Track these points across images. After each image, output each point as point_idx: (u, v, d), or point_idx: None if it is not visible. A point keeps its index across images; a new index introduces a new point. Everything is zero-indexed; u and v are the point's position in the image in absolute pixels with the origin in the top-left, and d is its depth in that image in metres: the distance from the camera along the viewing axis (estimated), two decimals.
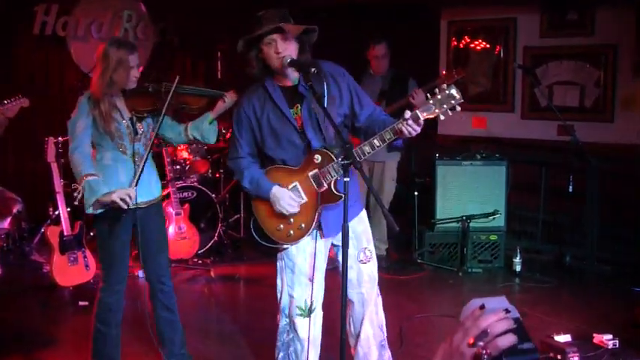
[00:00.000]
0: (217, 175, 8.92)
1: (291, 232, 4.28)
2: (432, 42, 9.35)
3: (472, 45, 9.09)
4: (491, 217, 7.77)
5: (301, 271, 4.38)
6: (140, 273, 6.55)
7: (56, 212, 7.37)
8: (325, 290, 4.46)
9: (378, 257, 7.62)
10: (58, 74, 9.19)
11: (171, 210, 7.52)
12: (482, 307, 1.55)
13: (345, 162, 3.66)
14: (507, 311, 1.53)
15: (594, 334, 5.55)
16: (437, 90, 3.83)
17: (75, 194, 4.43)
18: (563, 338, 5.22)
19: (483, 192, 7.85)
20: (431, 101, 3.83)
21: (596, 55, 8.17)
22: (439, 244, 7.97)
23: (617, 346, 5.41)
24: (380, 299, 4.54)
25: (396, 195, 7.98)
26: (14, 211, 8.44)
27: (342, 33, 10.17)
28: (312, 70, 3.89)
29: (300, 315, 4.40)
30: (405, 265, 7.89)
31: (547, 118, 8.33)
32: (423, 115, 3.81)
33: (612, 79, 8.10)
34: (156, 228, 4.91)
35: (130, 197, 4.37)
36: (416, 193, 8.13)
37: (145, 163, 4.57)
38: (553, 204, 8.31)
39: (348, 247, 3.72)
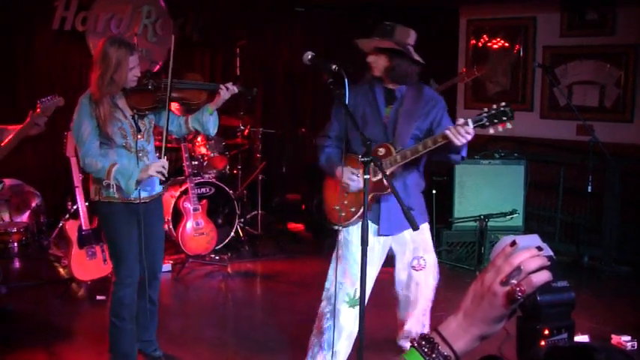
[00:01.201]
0: (235, 172, 8.92)
1: (343, 213, 4.54)
2: (451, 41, 9.33)
3: (491, 44, 9.06)
4: (509, 217, 7.74)
5: (355, 261, 4.45)
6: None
7: (75, 206, 7.40)
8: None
9: None
10: (77, 69, 9.20)
11: (188, 205, 7.53)
12: (513, 243, 1.47)
13: (365, 159, 3.69)
14: (540, 249, 1.46)
15: (612, 335, 5.54)
16: (495, 105, 4.17)
17: (111, 190, 4.58)
18: (581, 339, 5.20)
19: (501, 191, 7.82)
20: (484, 114, 4.13)
21: (617, 55, 8.13)
22: (456, 243, 7.96)
23: (636, 347, 5.39)
24: (429, 305, 4.79)
25: None
26: (33, 205, 8.51)
27: (361, 32, 10.17)
28: (333, 67, 3.93)
29: (347, 302, 4.54)
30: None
31: (566, 118, 8.30)
32: (472, 124, 4.09)
33: (633, 79, 8.05)
34: (157, 223, 5.03)
35: (165, 168, 4.53)
36: (434, 192, 8.11)
37: (166, 134, 4.67)
38: (571, 204, 8.28)
39: (367, 245, 3.73)
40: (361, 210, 4.39)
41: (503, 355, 4.28)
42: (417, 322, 4.78)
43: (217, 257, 7.98)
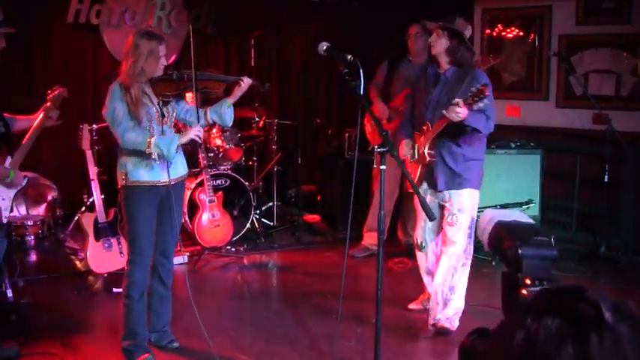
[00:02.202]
0: (250, 163, 8.92)
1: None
2: None
3: (506, 33, 9.01)
4: (525, 207, 7.70)
5: (419, 216, 5.69)
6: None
7: (91, 199, 7.42)
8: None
9: (411, 245, 7.71)
10: (92, 62, 9.22)
11: (204, 197, 7.54)
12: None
13: (382, 150, 3.70)
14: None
15: None
16: (474, 88, 4.94)
17: (153, 157, 4.78)
18: None
19: (517, 181, 7.78)
20: (469, 94, 4.92)
21: (633, 44, 8.06)
22: None
23: None
24: (465, 269, 5.53)
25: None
26: (49, 198, 8.53)
27: (375, 22, 10.14)
28: (349, 57, 3.96)
29: (416, 247, 5.85)
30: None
31: (582, 107, 8.25)
32: (462, 103, 4.92)
33: None
34: (177, 204, 5.17)
35: (201, 132, 4.95)
36: None
37: (198, 112, 5.08)
38: (588, 193, 8.24)
39: (382, 235, 3.76)
40: (417, 177, 5.48)
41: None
42: (443, 282, 5.55)
43: (233, 249, 7.99)
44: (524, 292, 1.46)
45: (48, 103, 5.37)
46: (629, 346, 1.26)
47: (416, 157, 5.49)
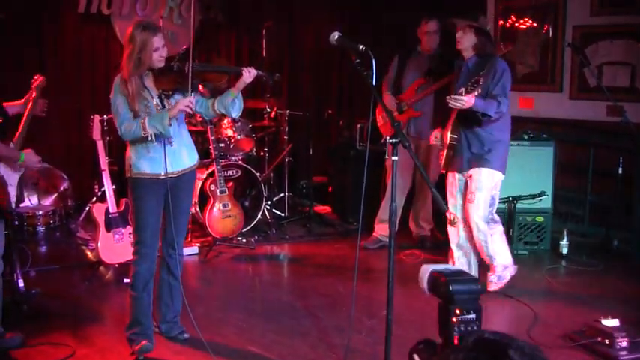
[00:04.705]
0: (262, 154, 8.91)
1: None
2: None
3: (519, 24, 8.94)
4: (537, 199, 7.66)
5: (449, 193, 6.26)
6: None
7: (102, 190, 7.42)
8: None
9: (422, 237, 7.71)
10: (103, 52, 9.23)
11: (215, 188, 7.52)
12: None
13: (394, 141, 3.67)
14: None
15: None
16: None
17: (149, 139, 4.77)
18: (611, 322, 5.13)
19: (530, 173, 7.72)
20: None
21: None
22: None
23: None
24: (495, 236, 6.20)
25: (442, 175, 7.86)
26: (61, 188, 8.56)
27: (383, 12, 10.07)
28: (361, 47, 3.95)
29: (449, 222, 6.21)
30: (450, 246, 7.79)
31: (596, 99, 8.17)
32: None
33: None
34: (184, 198, 5.18)
35: (192, 102, 4.81)
36: None
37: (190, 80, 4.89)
38: (601, 186, 8.18)
39: (394, 227, 3.74)
40: (443, 161, 6.13)
41: None
42: (483, 256, 6.20)
43: (244, 240, 7.98)
44: (453, 319, 1.66)
45: (34, 93, 5.43)
46: None
47: (442, 142, 6.10)
